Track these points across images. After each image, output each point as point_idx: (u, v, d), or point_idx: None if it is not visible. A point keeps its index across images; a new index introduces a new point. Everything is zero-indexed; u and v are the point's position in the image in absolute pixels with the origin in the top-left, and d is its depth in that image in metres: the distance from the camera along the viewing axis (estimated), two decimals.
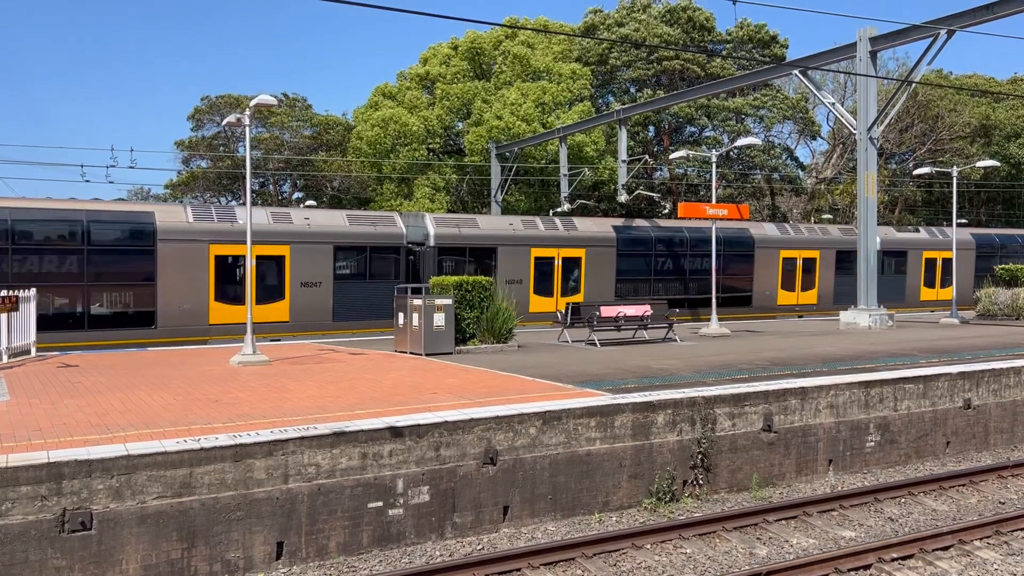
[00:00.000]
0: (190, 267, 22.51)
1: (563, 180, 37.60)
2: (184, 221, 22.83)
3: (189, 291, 22.49)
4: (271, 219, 24.10)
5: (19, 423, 10.07)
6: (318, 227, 24.54)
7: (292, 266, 23.86)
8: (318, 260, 24.16)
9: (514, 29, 43.82)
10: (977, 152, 53.85)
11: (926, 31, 22.87)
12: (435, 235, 26.03)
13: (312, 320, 24.02)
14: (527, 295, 25.75)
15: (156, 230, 22.24)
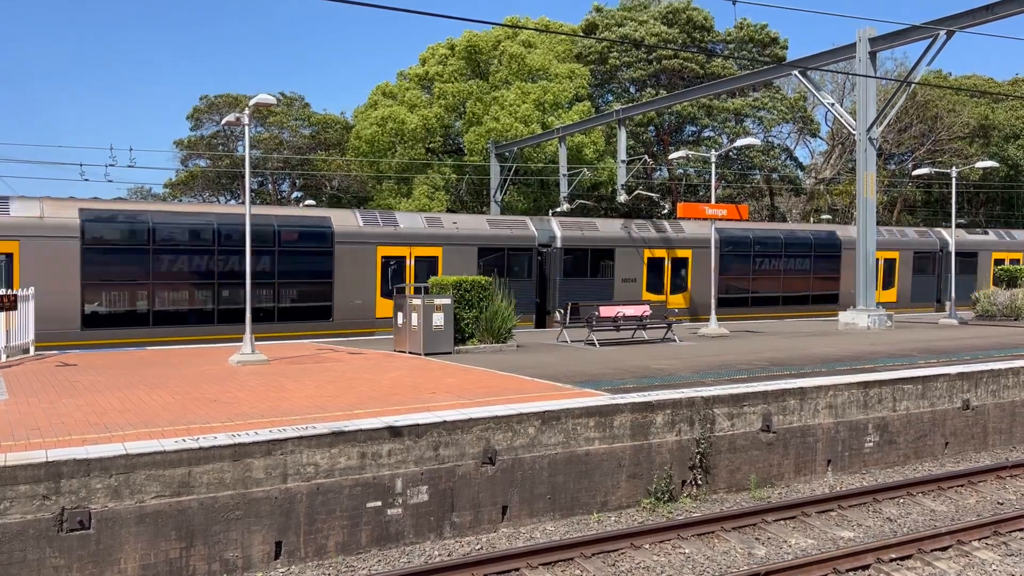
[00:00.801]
0: (360, 266, 24.78)
1: (563, 180, 37.60)
2: (356, 225, 25.15)
3: (360, 288, 24.76)
4: (426, 223, 26.43)
5: (18, 422, 10.06)
6: (465, 231, 26.88)
7: (444, 265, 26.21)
8: (465, 261, 26.44)
9: (514, 29, 43.81)
10: (976, 153, 53.89)
11: (925, 32, 22.87)
12: (561, 237, 28.13)
13: None
14: (640, 293, 27.35)
15: (333, 233, 24.52)
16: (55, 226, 21.04)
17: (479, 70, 45.55)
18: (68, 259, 21.04)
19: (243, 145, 24.71)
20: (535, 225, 28.49)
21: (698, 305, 30.38)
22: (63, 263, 20.95)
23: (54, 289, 20.53)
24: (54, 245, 20.91)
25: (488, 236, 27.23)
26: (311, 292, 24.17)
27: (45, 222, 20.99)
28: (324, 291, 24.29)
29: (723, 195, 51.01)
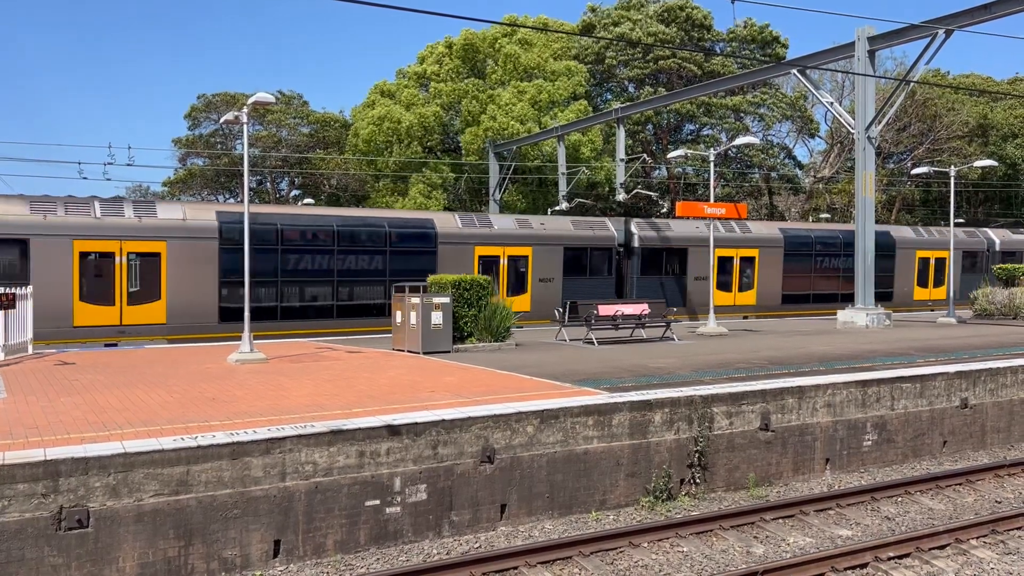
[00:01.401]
0: (460, 265, 26.23)
1: (561, 179, 37.60)
2: (456, 226, 26.85)
3: None
4: (517, 225, 28.03)
5: (16, 421, 10.06)
6: (551, 231, 28.39)
7: (534, 265, 27.73)
8: (552, 259, 27.94)
9: (512, 27, 43.79)
10: (975, 152, 53.92)
11: (924, 31, 22.88)
12: (639, 237, 29.77)
13: (547, 310, 27.32)
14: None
15: (437, 234, 26.27)
16: (196, 228, 22.86)
17: (476, 69, 45.54)
18: (207, 258, 22.83)
19: (241, 143, 24.94)
20: (614, 226, 29.97)
21: (764, 302, 32.15)
22: (203, 262, 22.76)
23: (195, 285, 22.55)
24: (195, 245, 22.78)
25: (572, 236, 28.70)
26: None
27: (187, 224, 22.83)
28: None
29: (722, 194, 51.03)
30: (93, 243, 21.55)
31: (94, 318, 21.53)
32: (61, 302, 21.07)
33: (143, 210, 22.66)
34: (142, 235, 22.01)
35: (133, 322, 21.78)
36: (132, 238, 21.79)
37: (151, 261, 22.07)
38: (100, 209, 22.11)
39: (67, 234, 21.32)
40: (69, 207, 21.94)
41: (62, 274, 21.16)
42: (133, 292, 21.99)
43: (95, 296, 21.59)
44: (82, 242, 21.43)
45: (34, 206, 21.52)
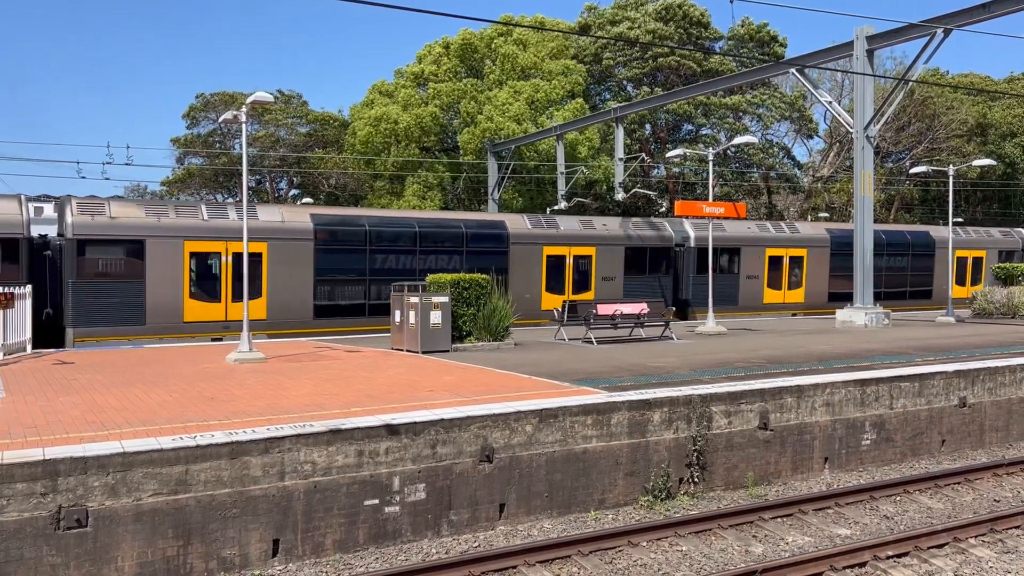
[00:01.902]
0: (530, 264, 27.77)
1: (560, 178, 37.60)
2: (526, 228, 28.19)
3: (529, 283, 27.78)
4: (581, 226, 29.19)
5: (15, 420, 10.05)
6: (614, 232, 29.58)
7: (597, 264, 28.93)
8: (614, 259, 29.17)
9: (509, 26, 43.78)
10: (974, 151, 53.94)
11: (923, 30, 22.89)
12: (694, 237, 30.87)
13: None
14: (762, 289, 30.10)
15: (508, 235, 27.58)
16: (293, 229, 24.20)
17: (474, 69, 45.53)
18: (303, 258, 24.12)
19: (240, 143, 25.10)
20: (671, 226, 31.27)
21: (812, 300, 33.29)
22: (300, 261, 24.06)
23: (292, 283, 23.89)
24: (293, 245, 24.12)
25: (633, 236, 30.00)
26: None
27: (286, 226, 24.12)
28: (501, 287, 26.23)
29: (721, 193, 51.05)
30: (201, 244, 22.87)
31: (202, 314, 22.85)
32: (173, 299, 22.50)
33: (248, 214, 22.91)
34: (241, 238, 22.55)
35: (237, 318, 22.67)
36: (236, 239, 22.79)
37: (253, 260, 22.96)
38: (207, 212, 23.50)
39: (178, 235, 22.59)
40: (179, 210, 23.40)
41: (174, 273, 22.52)
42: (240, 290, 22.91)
43: (203, 293, 22.97)
44: (192, 243, 22.73)
45: (148, 209, 22.96)
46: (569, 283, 28.48)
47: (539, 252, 28.01)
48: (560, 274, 27.92)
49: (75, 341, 21.17)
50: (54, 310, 21.89)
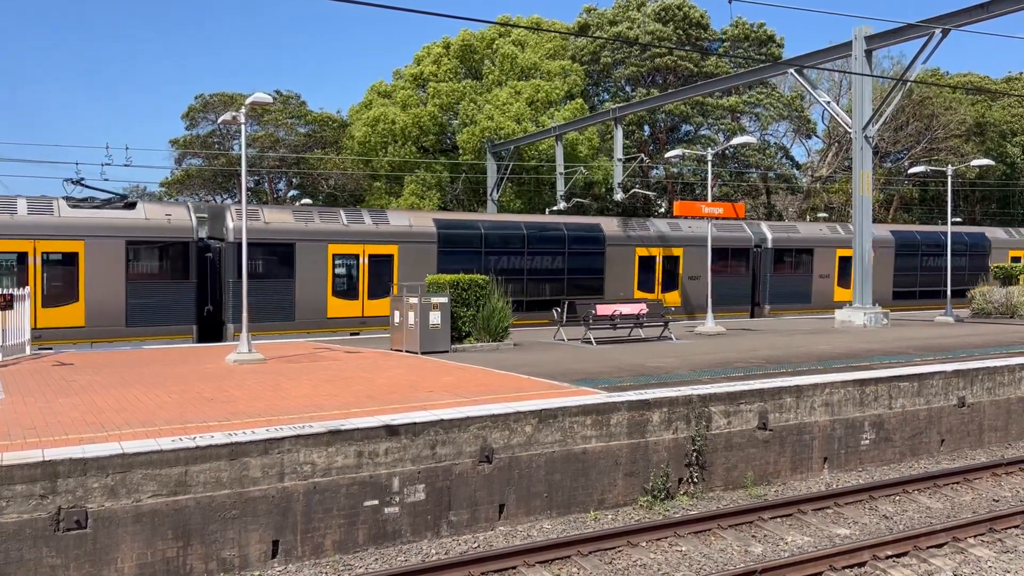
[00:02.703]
0: (623, 264, 29.56)
1: (559, 179, 37.59)
2: (620, 230, 29.89)
3: (622, 281, 29.62)
4: (670, 229, 30.91)
5: (14, 421, 10.05)
6: (699, 233, 30.48)
7: (684, 264, 30.83)
8: (699, 259, 29.95)
9: (508, 27, 43.78)
10: (972, 151, 53.96)
11: (921, 30, 22.90)
12: (772, 239, 32.74)
13: (695, 305, 30.48)
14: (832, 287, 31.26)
15: (605, 237, 29.32)
16: (420, 233, 26.28)
17: (473, 69, 45.54)
18: (428, 258, 26.01)
19: (239, 144, 25.23)
20: (750, 228, 32.96)
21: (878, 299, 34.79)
22: (425, 262, 25.83)
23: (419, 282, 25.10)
24: (419, 248, 26.10)
25: (716, 238, 30.76)
26: (590, 285, 29.01)
27: (413, 230, 26.19)
28: (598, 284, 29.22)
29: (719, 193, 51.05)
30: (343, 247, 24.90)
31: (343, 311, 24.88)
32: (318, 297, 24.53)
33: (379, 218, 26.12)
34: (379, 240, 25.50)
35: (372, 314, 24.87)
36: (372, 242, 25.18)
37: (385, 261, 25.42)
38: (346, 217, 25.58)
39: (323, 239, 24.64)
40: (323, 215, 25.39)
41: (319, 273, 24.50)
42: (374, 288, 25.22)
43: (343, 292, 25.04)
44: (334, 246, 24.76)
45: (297, 214, 25.05)
46: (659, 282, 30.27)
47: (632, 253, 29.76)
48: (650, 274, 29.70)
49: (234, 335, 22.62)
50: (213, 307, 24.10)
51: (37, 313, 20.58)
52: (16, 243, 20.88)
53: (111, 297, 21.81)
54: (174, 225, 22.84)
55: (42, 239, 21.21)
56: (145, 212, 22.91)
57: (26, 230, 21.07)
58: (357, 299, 25.10)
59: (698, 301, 30.43)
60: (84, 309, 21.57)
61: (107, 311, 21.78)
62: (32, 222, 21.28)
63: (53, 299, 21.35)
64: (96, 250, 21.63)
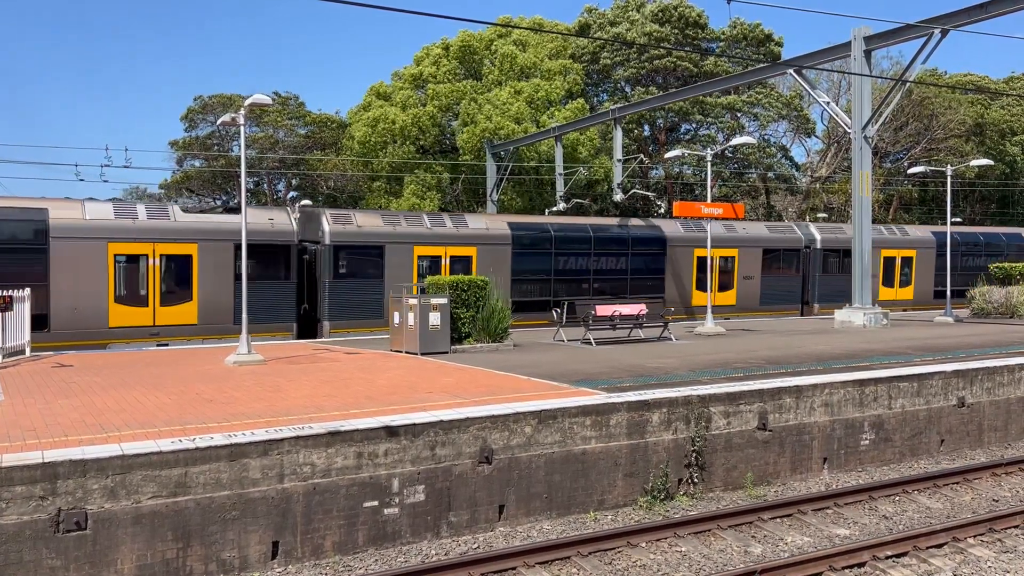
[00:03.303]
0: (683, 265, 30.76)
1: (559, 179, 37.59)
2: (680, 232, 31.22)
3: (681, 281, 31.04)
4: (725, 230, 31.73)
5: (13, 423, 10.05)
6: (752, 235, 32.50)
7: (739, 264, 32.05)
8: (753, 259, 32.16)
9: (507, 28, 43.78)
10: (972, 151, 53.96)
11: (920, 30, 22.90)
12: (821, 240, 33.89)
13: (748, 304, 32.11)
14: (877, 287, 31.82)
15: (666, 239, 30.74)
16: (496, 236, 27.55)
17: (473, 70, 45.53)
18: (503, 259, 27.36)
19: (238, 145, 25.31)
20: (800, 230, 34.37)
21: (920, 297, 36.40)
22: (500, 262, 27.20)
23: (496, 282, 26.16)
24: (496, 249, 27.42)
25: (768, 239, 32.89)
26: (651, 285, 30.33)
27: (489, 233, 27.45)
28: (659, 284, 30.58)
29: (719, 194, 51.08)
30: (427, 248, 26.30)
31: None
32: None
33: (459, 222, 27.45)
34: (459, 242, 26.87)
35: None
36: (453, 244, 26.61)
37: (465, 262, 26.88)
38: (429, 221, 26.98)
39: (409, 241, 26.02)
40: (408, 219, 26.84)
41: (407, 273, 25.77)
42: None
43: None
44: (420, 247, 26.13)
45: (385, 218, 26.49)
46: (715, 282, 31.22)
47: (691, 254, 30.91)
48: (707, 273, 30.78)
49: (330, 332, 24.21)
50: (309, 305, 25.33)
51: (156, 311, 22.40)
52: (140, 246, 22.31)
53: (221, 296, 23.08)
54: (277, 229, 24.25)
55: (160, 242, 22.55)
56: (251, 216, 23.98)
57: (146, 234, 22.40)
58: None
59: (751, 300, 32.20)
60: (197, 307, 22.90)
61: (217, 309, 23.09)
62: (151, 226, 22.55)
63: (169, 298, 22.69)
64: (207, 252, 23.04)
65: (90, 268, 21.52)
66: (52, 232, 21.18)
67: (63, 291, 21.07)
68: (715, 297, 28.99)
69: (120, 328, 21.88)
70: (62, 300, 21.01)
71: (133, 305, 22.09)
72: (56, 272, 21.10)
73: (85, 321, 21.31)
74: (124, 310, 21.97)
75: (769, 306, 32.90)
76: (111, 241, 21.84)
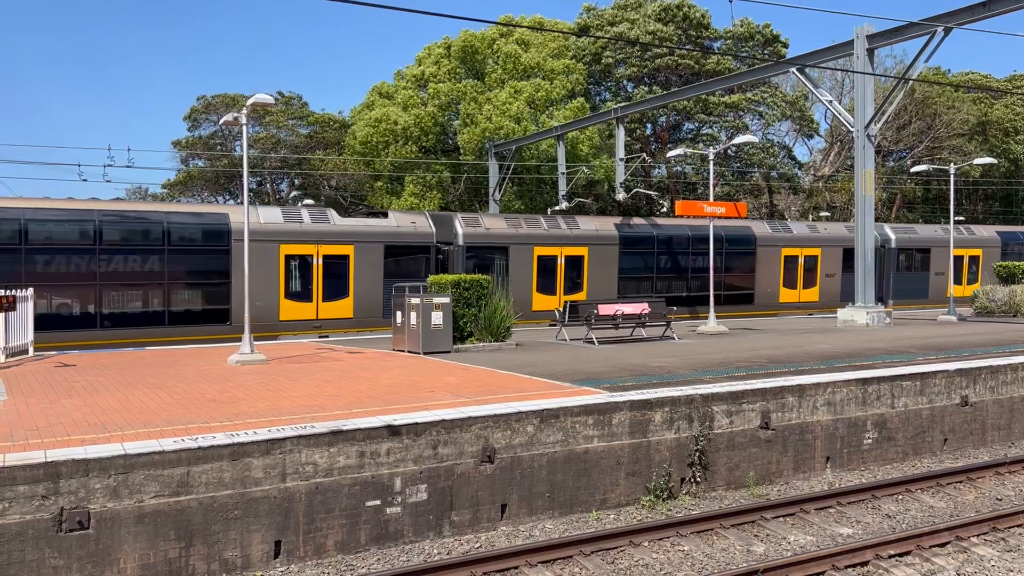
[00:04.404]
0: (772, 263, 32.51)
1: (561, 179, 37.57)
2: (768, 233, 33.01)
3: (770, 280, 32.62)
4: (809, 231, 34.11)
5: (16, 422, 10.06)
6: (834, 235, 34.66)
7: (822, 262, 34.06)
8: (834, 258, 34.13)
9: (509, 27, 43.76)
10: (975, 149, 53.87)
11: (923, 28, 22.86)
12: (895, 240, 36.12)
13: (830, 301, 33.68)
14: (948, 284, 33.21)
15: (755, 238, 32.52)
16: (606, 236, 29.40)
17: (474, 70, 45.51)
18: (611, 259, 29.13)
19: (241, 145, 25.40)
20: (876, 230, 34.42)
21: None
22: (608, 262, 29.10)
23: (604, 279, 29.16)
24: (605, 249, 29.25)
25: (847, 238, 33.84)
26: (742, 282, 32.38)
27: (600, 234, 29.34)
28: (749, 282, 32.50)
29: (721, 193, 51.02)
30: (545, 248, 28.34)
31: (545, 304, 28.01)
32: (525, 293, 27.61)
33: (572, 224, 29.27)
34: (573, 242, 28.78)
35: None
36: (567, 244, 28.63)
37: (578, 261, 28.86)
38: (546, 223, 28.98)
39: (530, 242, 28.07)
40: (529, 221, 28.84)
41: (527, 271, 27.91)
42: (568, 285, 28.63)
43: (546, 288, 28.41)
44: (538, 248, 28.25)
45: (509, 221, 28.56)
46: (800, 280, 33.01)
47: (778, 253, 32.66)
48: (793, 272, 32.50)
49: None
50: None
51: (319, 306, 24.55)
52: (306, 247, 24.49)
53: (372, 292, 25.23)
54: (418, 231, 26.53)
55: (323, 243, 24.75)
56: (396, 220, 26.71)
57: (311, 236, 24.63)
58: (555, 294, 28.35)
59: (832, 297, 33.96)
60: (353, 302, 25.01)
61: (369, 304, 25.25)
62: (315, 229, 24.77)
63: (330, 294, 24.73)
64: (362, 252, 25.26)
65: (265, 267, 23.71)
66: (233, 235, 23.36)
67: (242, 288, 22.10)
68: (800, 294, 31.12)
69: (289, 321, 24.09)
70: (240, 296, 22.09)
71: (300, 300, 24.25)
72: (236, 271, 23.02)
73: (259, 315, 22.85)
74: (292, 305, 24.14)
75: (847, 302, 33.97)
76: (282, 243, 24.14)
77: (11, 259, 21.12)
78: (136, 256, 22.62)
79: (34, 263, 21.43)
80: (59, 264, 21.77)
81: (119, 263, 22.39)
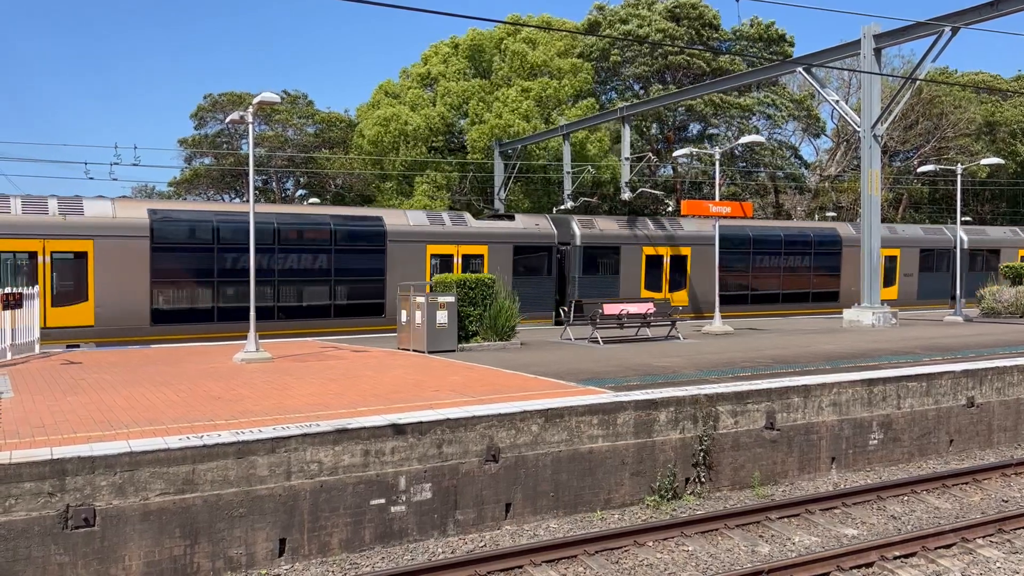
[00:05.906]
0: (855, 263, 31.74)
1: (567, 178, 37.54)
2: (853, 233, 33.81)
3: (853, 278, 32.52)
4: (889, 232, 35.15)
5: (23, 420, 10.10)
6: (911, 236, 36.94)
7: (901, 262, 35.94)
8: (912, 258, 36.30)
9: (517, 26, 43.73)
10: (982, 150, 53.67)
11: (930, 28, 22.79)
12: (967, 240, 37.54)
13: (908, 299, 35.88)
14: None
15: (841, 239, 34.46)
16: (707, 237, 29.96)
17: (482, 68, 45.50)
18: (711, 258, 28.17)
19: (247, 143, 25.52)
20: (949, 232, 37.97)
21: None
22: (708, 261, 29.22)
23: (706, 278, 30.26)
24: (706, 249, 30.14)
25: (924, 239, 36.94)
26: (829, 281, 34.27)
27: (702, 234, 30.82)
28: (835, 281, 34.34)
29: (727, 193, 50.89)
30: (652, 248, 30.42)
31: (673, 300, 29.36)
32: (634, 290, 29.84)
33: (675, 226, 31.34)
34: (677, 243, 30.94)
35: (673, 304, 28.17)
36: (672, 245, 30.91)
37: (682, 260, 31.12)
38: (652, 224, 31.09)
39: (639, 243, 30.18)
40: (638, 223, 30.78)
41: (636, 270, 30.03)
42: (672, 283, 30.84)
43: (652, 285, 30.38)
44: (647, 248, 30.35)
45: (619, 223, 30.61)
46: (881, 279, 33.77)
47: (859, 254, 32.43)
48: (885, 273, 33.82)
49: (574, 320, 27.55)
50: (560, 297, 29.01)
51: None
52: (448, 247, 26.79)
53: None
54: (542, 232, 28.65)
55: (462, 244, 27.10)
56: (522, 223, 28.90)
57: (452, 237, 26.95)
58: (660, 291, 30.16)
59: (910, 295, 35.97)
60: None
61: None
62: (455, 231, 27.11)
63: None
64: (495, 252, 27.46)
65: (414, 265, 25.87)
66: (389, 236, 25.75)
67: (395, 284, 23.86)
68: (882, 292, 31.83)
69: None
70: (394, 292, 23.45)
71: None
72: (391, 268, 25.47)
73: None
74: None
75: (925, 300, 36.78)
76: (429, 243, 26.44)
77: (207, 258, 23.30)
78: (308, 255, 24.69)
79: (224, 262, 23.60)
80: (245, 262, 22.56)
81: (293, 261, 24.48)
